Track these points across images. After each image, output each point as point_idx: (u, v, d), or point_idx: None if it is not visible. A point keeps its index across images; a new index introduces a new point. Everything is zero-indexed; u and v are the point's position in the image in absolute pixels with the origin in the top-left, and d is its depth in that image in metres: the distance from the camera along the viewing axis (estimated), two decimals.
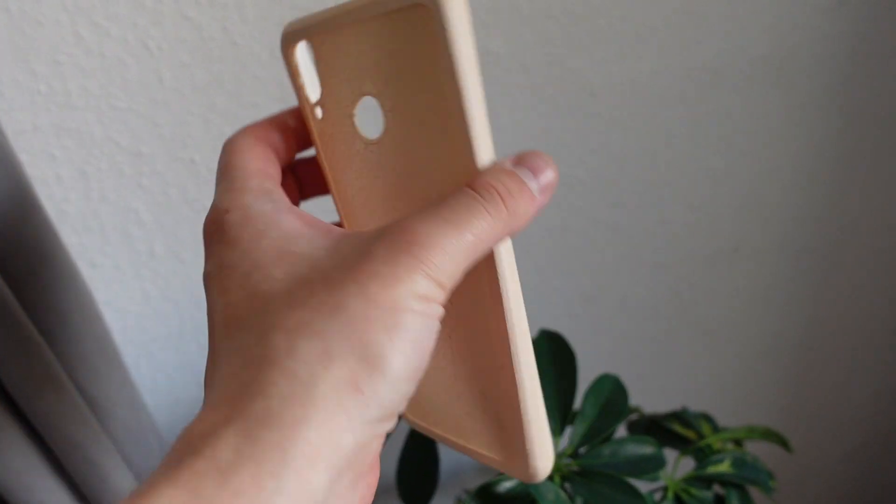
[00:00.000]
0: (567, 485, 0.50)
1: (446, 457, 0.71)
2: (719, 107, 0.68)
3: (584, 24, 0.59)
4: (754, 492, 0.57)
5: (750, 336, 0.88)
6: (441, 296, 0.24)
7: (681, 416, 0.60)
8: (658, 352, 0.84)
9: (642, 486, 0.50)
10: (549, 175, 0.27)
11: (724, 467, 0.55)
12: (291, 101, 0.54)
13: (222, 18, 0.50)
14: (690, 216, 0.74)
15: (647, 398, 0.82)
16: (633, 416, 0.63)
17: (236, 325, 0.25)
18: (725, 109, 0.68)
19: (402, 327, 0.23)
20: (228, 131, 0.54)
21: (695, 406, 0.65)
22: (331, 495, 0.22)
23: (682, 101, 0.66)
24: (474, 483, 0.80)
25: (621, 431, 0.63)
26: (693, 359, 0.87)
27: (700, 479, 0.55)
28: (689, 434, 0.59)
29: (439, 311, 0.24)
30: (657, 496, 0.54)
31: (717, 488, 0.56)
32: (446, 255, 0.24)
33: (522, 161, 0.27)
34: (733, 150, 0.71)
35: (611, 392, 0.54)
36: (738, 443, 0.61)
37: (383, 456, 0.31)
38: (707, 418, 0.61)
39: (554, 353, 0.53)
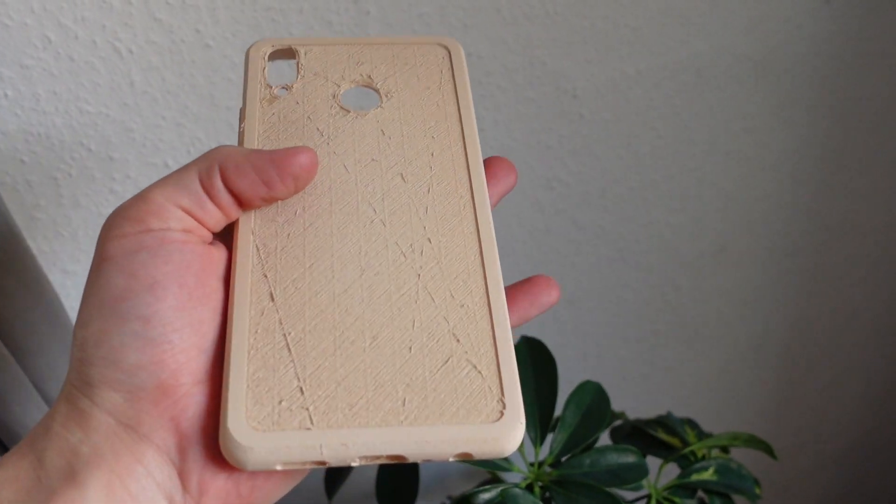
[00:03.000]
0: (547, 495, 0.49)
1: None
2: (703, 107, 0.67)
3: (565, 25, 0.58)
4: (740, 499, 0.56)
5: (736, 339, 0.87)
6: None
7: (665, 423, 0.60)
8: (642, 355, 0.84)
9: (625, 494, 0.49)
10: None
11: (708, 475, 0.54)
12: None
13: (194, 20, 0.49)
14: (675, 218, 0.73)
15: (632, 402, 0.82)
16: (617, 422, 0.62)
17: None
18: (709, 109, 0.68)
19: None
20: (201, 135, 0.53)
21: (679, 409, 0.65)
22: None
23: (665, 102, 0.65)
24: (458, 490, 0.79)
25: (605, 438, 0.63)
26: (678, 362, 0.86)
27: (684, 487, 0.54)
28: (674, 441, 0.58)
29: None
30: None
31: (701, 496, 0.55)
32: None
33: None
34: (718, 151, 0.71)
35: (593, 399, 0.53)
36: (723, 449, 0.60)
37: None
38: (692, 424, 0.60)
39: (534, 360, 0.53)
